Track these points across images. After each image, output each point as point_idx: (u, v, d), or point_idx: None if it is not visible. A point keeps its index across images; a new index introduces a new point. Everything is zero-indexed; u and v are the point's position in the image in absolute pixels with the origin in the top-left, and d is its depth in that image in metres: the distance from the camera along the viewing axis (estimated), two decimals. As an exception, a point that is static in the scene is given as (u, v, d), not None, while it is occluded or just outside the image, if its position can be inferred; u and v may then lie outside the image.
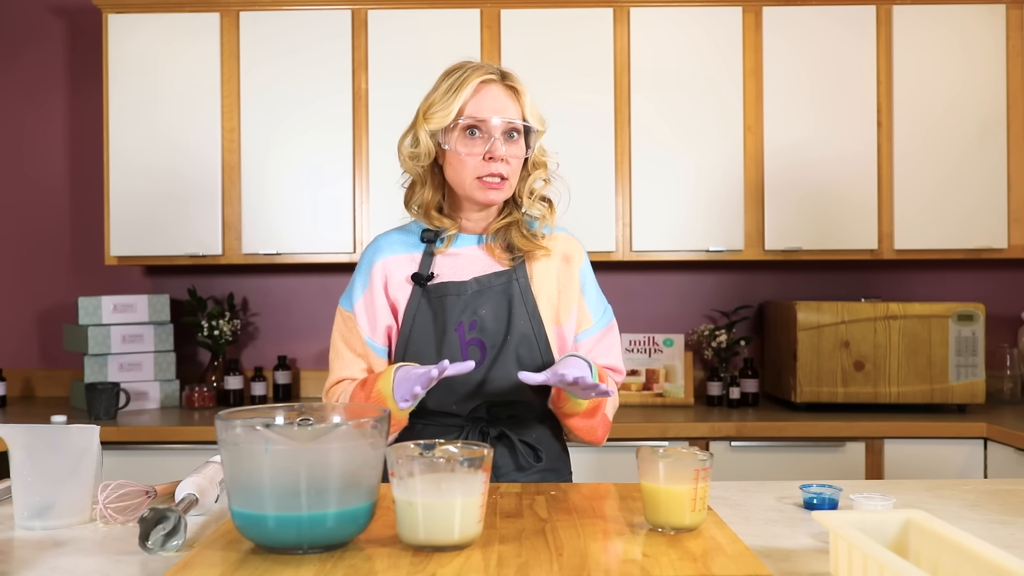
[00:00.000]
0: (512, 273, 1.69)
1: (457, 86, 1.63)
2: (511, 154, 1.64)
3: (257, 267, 3.55)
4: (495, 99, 1.64)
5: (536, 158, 1.71)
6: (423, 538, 1.15)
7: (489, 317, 1.66)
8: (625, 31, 3.21)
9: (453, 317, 1.66)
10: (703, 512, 1.26)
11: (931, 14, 3.22)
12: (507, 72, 1.68)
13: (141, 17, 3.21)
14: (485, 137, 1.63)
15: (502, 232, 1.71)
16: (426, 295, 1.68)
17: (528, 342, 1.66)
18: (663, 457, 1.27)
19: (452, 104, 1.62)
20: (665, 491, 1.24)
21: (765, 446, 2.93)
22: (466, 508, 1.15)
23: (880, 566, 0.94)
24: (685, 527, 1.25)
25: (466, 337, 1.66)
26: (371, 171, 3.19)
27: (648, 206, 3.20)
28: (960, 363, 3.05)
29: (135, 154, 3.21)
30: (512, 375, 1.63)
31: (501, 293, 1.68)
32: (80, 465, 1.40)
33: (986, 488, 1.64)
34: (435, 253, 1.72)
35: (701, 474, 1.25)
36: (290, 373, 3.47)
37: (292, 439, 1.13)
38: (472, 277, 1.69)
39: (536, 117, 1.68)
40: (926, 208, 3.21)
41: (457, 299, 1.67)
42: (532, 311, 1.68)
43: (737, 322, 3.44)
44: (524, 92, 1.67)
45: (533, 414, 1.71)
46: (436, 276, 1.70)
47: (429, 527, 1.15)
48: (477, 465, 1.16)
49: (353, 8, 3.21)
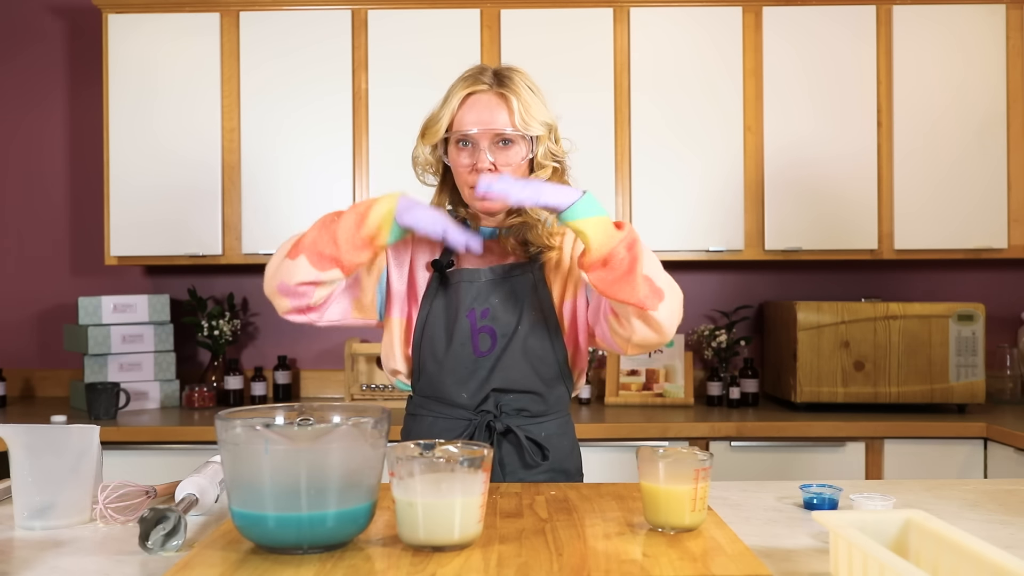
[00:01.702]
0: (528, 266, 1.71)
1: (446, 99, 1.66)
2: (503, 162, 1.64)
3: (257, 267, 3.54)
4: (481, 110, 1.63)
5: (540, 160, 1.68)
6: (423, 538, 1.15)
7: (501, 307, 1.68)
8: (625, 31, 3.21)
9: (466, 303, 1.68)
10: (703, 512, 1.26)
11: (931, 14, 3.22)
12: (505, 77, 1.65)
13: (141, 17, 3.21)
14: (474, 149, 1.64)
15: (516, 229, 1.72)
16: (443, 280, 1.71)
17: (539, 334, 1.68)
18: (663, 457, 1.27)
19: (443, 119, 1.65)
20: (665, 491, 1.24)
21: (765, 446, 2.93)
22: (466, 508, 1.15)
23: (880, 566, 0.94)
24: (685, 527, 1.25)
25: (477, 324, 1.68)
26: (371, 171, 3.19)
27: (648, 206, 3.20)
28: (960, 363, 3.05)
29: (135, 154, 3.21)
30: (522, 365, 1.67)
31: (516, 284, 1.70)
32: (80, 465, 1.40)
33: (986, 488, 1.64)
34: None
35: (701, 474, 1.25)
36: (290, 373, 3.47)
37: (292, 439, 1.13)
38: (488, 266, 1.71)
39: (534, 122, 1.64)
40: (926, 208, 3.21)
41: (470, 286, 1.69)
42: (546, 304, 1.69)
43: (737, 322, 3.44)
44: (515, 98, 1.63)
45: (542, 407, 1.71)
46: (455, 264, 1.72)
47: (429, 527, 1.15)
48: (477, 465, 1.16)
49: (353, 8, 3.21)
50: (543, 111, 1.67)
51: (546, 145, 1.69)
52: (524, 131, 1.64)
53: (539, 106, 1.67)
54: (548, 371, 1.70)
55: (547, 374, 1.70)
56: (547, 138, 1.68)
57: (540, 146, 1.68)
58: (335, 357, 3.58)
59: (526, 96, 1.65)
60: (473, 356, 1.68)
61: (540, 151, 1.68)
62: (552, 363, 1.70)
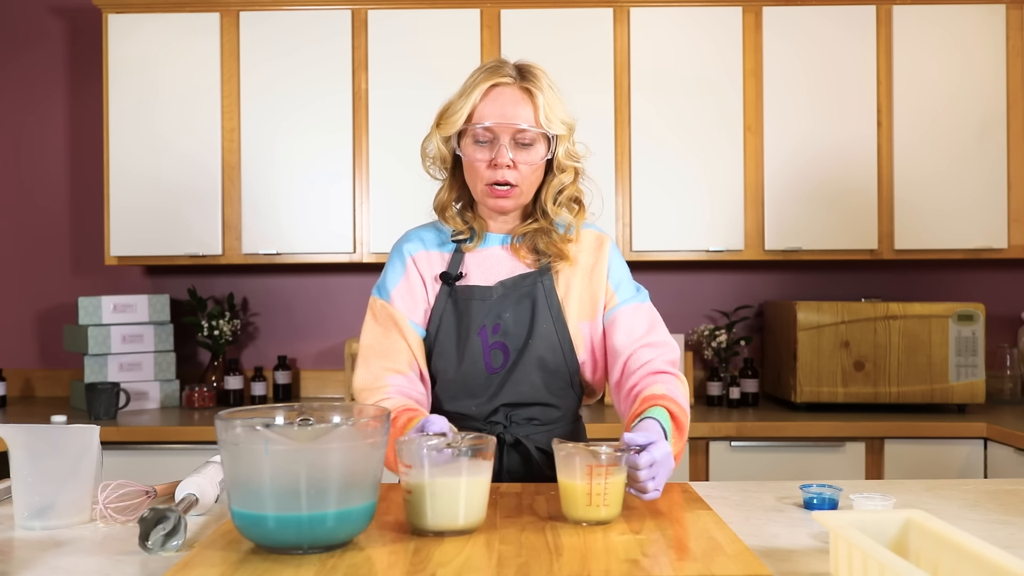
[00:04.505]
0: (537, 275, 1.65)
1: (468, 90, 1.60)
2: (522, 160, 1.59)
3: (257, 267, 3.55)
4: (505, 103, 1.58)
5: (561, 161, 1.63)
6: (430, 524, 1.22)
7: (512, 320, 1.63)
8: (625, 31, 3.21)
9: (477, 321, 1.64)
10: (604, 508, 1.29)
11: (931, 14, 3.22)
12: (528, 72, 1.61)
13: (141, 17, 3.21)
14: (493, 143, 1.59)
15: (529, 236, 1.67)
16: (453, 296, 1.66)
17: (550, 344, 1.63)
18: (559, 451, 1.32)
19: (462, 109, 1.59)
20: (562, 484, 1.31)
21: (765, 446, 2.93)
22: (471, 494, 1.23)
23: (880, 566, 0.94)
24: (581, 519, 1.29)
25: (489, 341, 1.63)
26: (371, 171, 3.19)
27: (648, 206, 3.20)
28: (960, 363, 3.05)
29: (135, 154, 3.21)
30: (533, 378, 1.63)
31: (525, 296, 1.64)
32: (80, 465, 1.40)
33: (986, 488, 1.64)
34: (466, 251, 1.68)
35: (596, 471, 1.27)
36: (290, 373, 3.47)
37: (292, 439, 1.13)
38: (498, 281, 1.66)
39: (556, 120, 1.60)
40: (926, 208, 3.21)
41: (482, 303, 1.64)
42: (556, 314, 1.64)
43: (737, 322, 3.44)
44: (540, 94, 1.59)
45: (552, 416, 1.68)
46: (465, 276, 1.67)
47: (436, 513, 1.21)
48: (481, 453, 1.24)
49: (353, 8, 3.21)
50: (563, 110, 1.63)
51: (566, 146, 1.64)
52: (547, 129, 1.59)
53: (560, 104, 1.62)
54: (559, 382, 1.65)
55: (558, 385, 1.66)
56: (567, 139, 1.64)
57: (560, 146, 1.63)
58: (335, 357, 3.58)
59: (549, 93, 1.61)
60: (485, 373, 1.63)
61: (561, 151, 1.63)
62: (564, 373, 1.65)
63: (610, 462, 1.28)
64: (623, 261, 1.73)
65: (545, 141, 1.61)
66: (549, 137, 1.61)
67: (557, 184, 1.65)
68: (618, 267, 1.70)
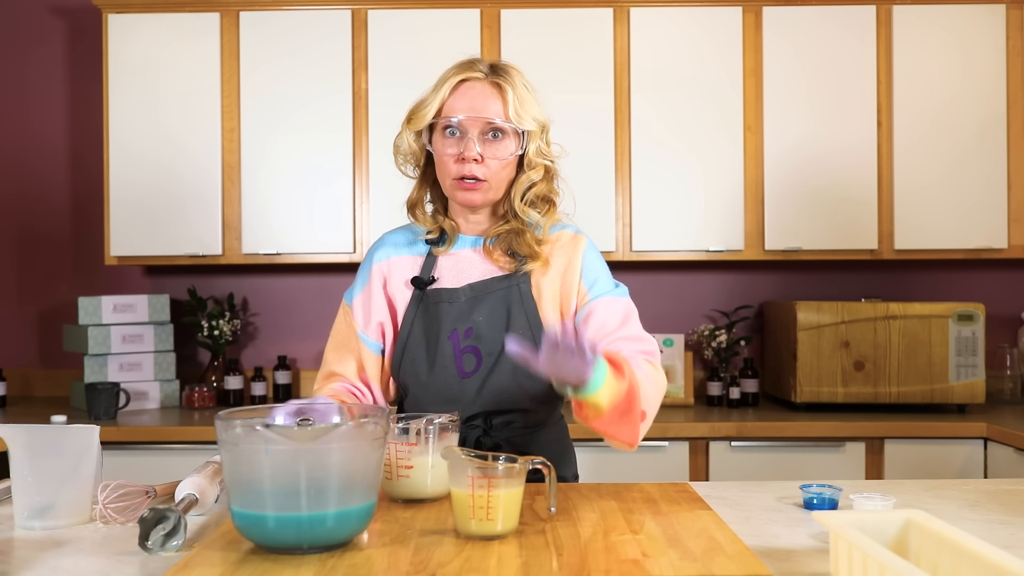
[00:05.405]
0: (513, 278, 1.63)
1: (439, 85, 1.60)
2: (491, 155, 1.57)
3: (257, 267, 3.55)
4: (475, 97, 1.57)
5: (531, 158, 1.61)
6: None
7: (485, 324, 1.60)
8: (625, 31, 3.21)
9: (447, 325, 1.62)
10: (495, 523, 1.21)
11: (931, 14, 3.22)
12: (501, 68, 1.60)
13: (141, 17, 3.21)
14: (462, 137, 1.58)
15: (502, 237, 1.65)
16: (424, 301, 1.65)
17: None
18: (447, 457, 1.25)
19: (432, 104, 1.58)
20: (453, 493, 1.25)
21: (765, 446, 2.93)
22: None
23: (880, 566, 0.94)
24: (471, 534, 1.22)
25: (460, 345, 1.61)
26: (371, 171, 3.19)
27: (648, 206, 3.21)
28: (960, 363, 3.05)
29: (135, 154, 3.21)
30: (510, 383, 1.60)
31: (500, 299, 1.62)
32: (80, 465, 1.40)
33: (986, 488, 1.64)
34: (437, 254, 1.67)
35: (478, 482, 1.20)
36: (290, 373, 3.47)
37: (292, 439, 1.13)
38: (467, 283, 1.64)
39: (527, 116, 1.58)
40: (926, 208, 3.21)
41: (450, 307, 1.62)
42: (532, 317, 1.61)
43: (737, 322, 3.44)
44: (511, 89, 1.57)
45: (531, 422, 1.66)
46: (437, 279, 1.66)
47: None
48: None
49: (353, 8, 3.21)
50: (537, 108, 1.61)
51: (537, 143, 1.62)
52: (517, 124, 1.58)
53: (533, 102, 1.61)
54: (538, 387, 1.59)
55: (537, 390, 1.60)
56: (539, 136, 1.62)
57: (532, 143, 1.61)
58: (335, 357, 3.57)
59: (521, 90, 1.59)
60: (458, 378, 1.61)
61: (532, 149, 1.61)
62: (543, 379, 1.56)
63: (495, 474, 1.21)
64: (600, 259, 1.68)
65: (516, 137, 1.60)
66: (520, 133, 1.60)
67: (526, 181, 1.63)
68: (594, 265, 1.65)
